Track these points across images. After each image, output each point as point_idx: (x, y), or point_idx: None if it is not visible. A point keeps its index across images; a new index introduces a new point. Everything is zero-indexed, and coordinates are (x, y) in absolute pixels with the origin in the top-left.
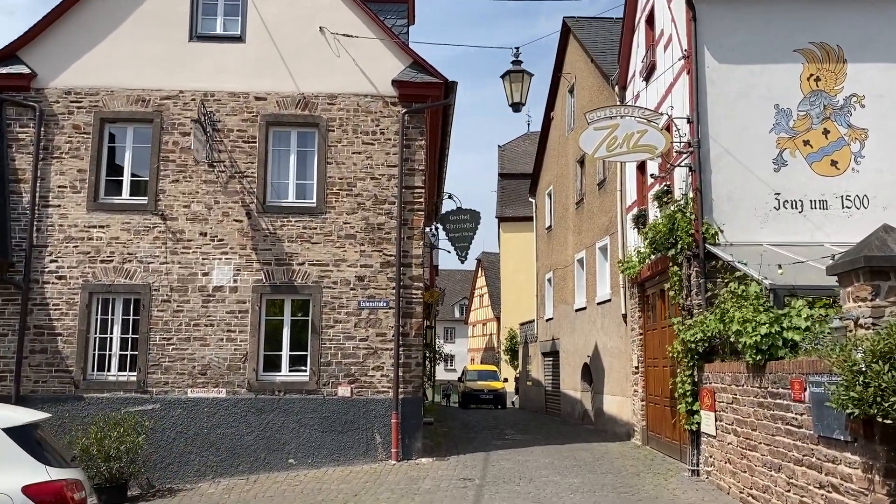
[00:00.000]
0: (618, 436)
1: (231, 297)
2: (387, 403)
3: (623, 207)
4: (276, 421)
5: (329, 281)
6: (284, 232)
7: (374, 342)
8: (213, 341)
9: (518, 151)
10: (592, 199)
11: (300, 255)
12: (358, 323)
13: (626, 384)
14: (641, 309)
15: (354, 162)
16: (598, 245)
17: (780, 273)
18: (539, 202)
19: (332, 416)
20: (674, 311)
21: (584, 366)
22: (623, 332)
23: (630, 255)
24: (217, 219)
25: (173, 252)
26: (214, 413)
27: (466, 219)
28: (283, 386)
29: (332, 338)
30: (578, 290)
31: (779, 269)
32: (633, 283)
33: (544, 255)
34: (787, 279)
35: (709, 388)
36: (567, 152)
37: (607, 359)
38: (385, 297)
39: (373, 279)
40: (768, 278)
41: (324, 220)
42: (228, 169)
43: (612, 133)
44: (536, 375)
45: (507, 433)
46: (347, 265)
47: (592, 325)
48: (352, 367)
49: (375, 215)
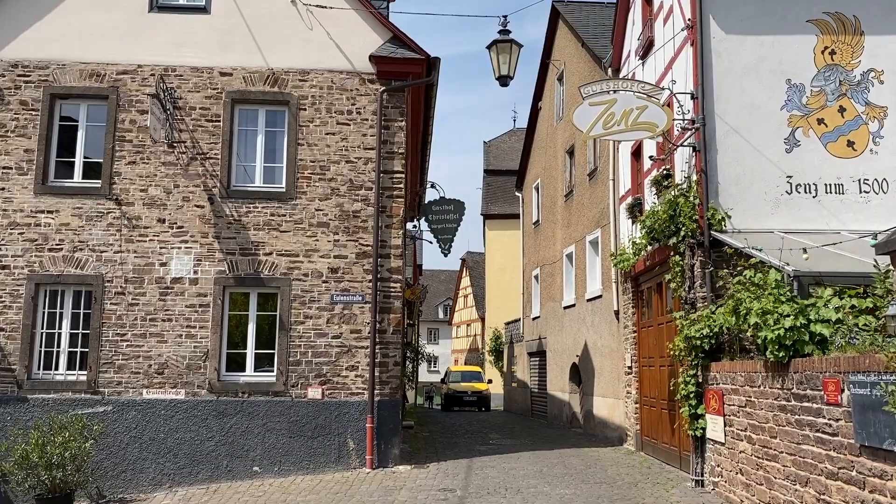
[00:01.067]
0: (609, 440)
1: (191, 290)
2: (361, 406)
3: (616, 197)
4: (239, 425)
5: (299, 273)
6: (250, 219)
7: (349, 340)
8: (172, 338)
9: (504, 148)
10: (582, 190)
11: (267, 245)
12: (331, 319)
13: (619, 385)
14: (635, 305)
15: (328, 143)
16: (589, 238)
17: (806, 258)
18: (526, 196)
19: (302, 419)
20: (674, 305)
21: (573, 366)
22: (615, 330)
23: (623, 247)
24: (177, 204)
25: (129, 240)
26: (172, 416)
27: (450, 209)
28: (247, 387)
29: (301, 335)
30: (567, 286)
31: (804, 254)
32: (627, 277)
33: (531, 251)
34: (811, 265)
35: (716, 389)
36: (556, 143)
37: (598, 358)
38: (361, 290)
39: (347, 271)
40: (790, 264)
41: (294, 206)
42: (190, 150)
43: (608, 109)
44: (522, 376)
45: (491, 437)
46: (319, 256)
47: (582, 323)
48: (323, 367)
49: (351, 202)
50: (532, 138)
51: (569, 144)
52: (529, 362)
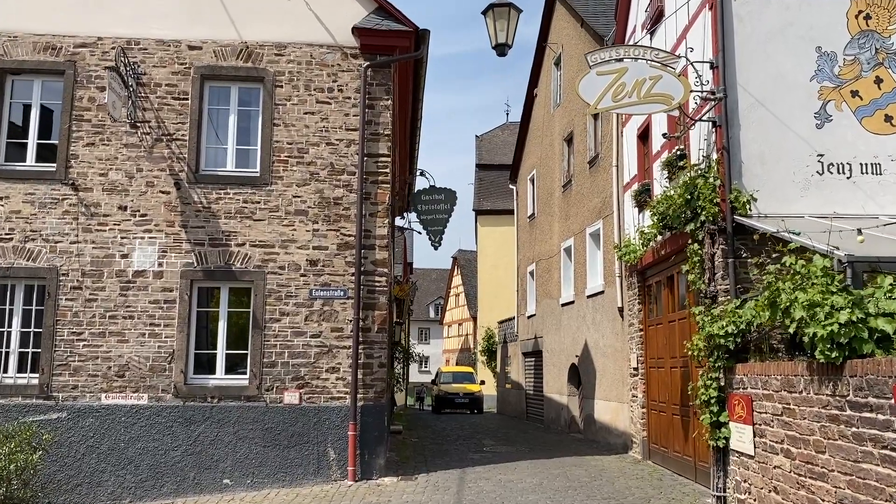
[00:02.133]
0: (612, 447)
1: (155, 284)
2: (343, 412)
3: (620, 185)
4: (208, 433)
5: (275, 265)
6: (221, 206)
7: (329, 339)
8: (133, 337)
9: (496, 142)
10: (582, 179)
11: (240, 235)
12: (309, 316)
13: (623, 388)
14: (642, 301)
15: (307, 124)
16: (589, 231)
17: (861, 240)
18: (520, 189)
19: (277, 427)
20: (689, 300)
21: (572, 367)
22: (619, 329)
23: (629, 239)
24: (140, 190)
25: (86, 229)
26: (133, 423)
27: (441, 199)
28: (217, 391)
29: (277, 333)
30: (565, 282)
31: (858, 236)
32: (633, 271)
33: (526, 245)
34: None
35: (743, 394)
36: (553, 131)
37: (599, 359)
38: (342, 284)
39: (328, 263)
40: (841, 249)
41: (269, 192)
42: (154, 131)
43: (619, 79)
44: (516, 377)
45: (485, 444)
46: (297, 247)
47: (582, 321)
48: (301, 369)
49: (331, 188)
50: (527, 128)
51: (567, 132)
52: (524, 363)
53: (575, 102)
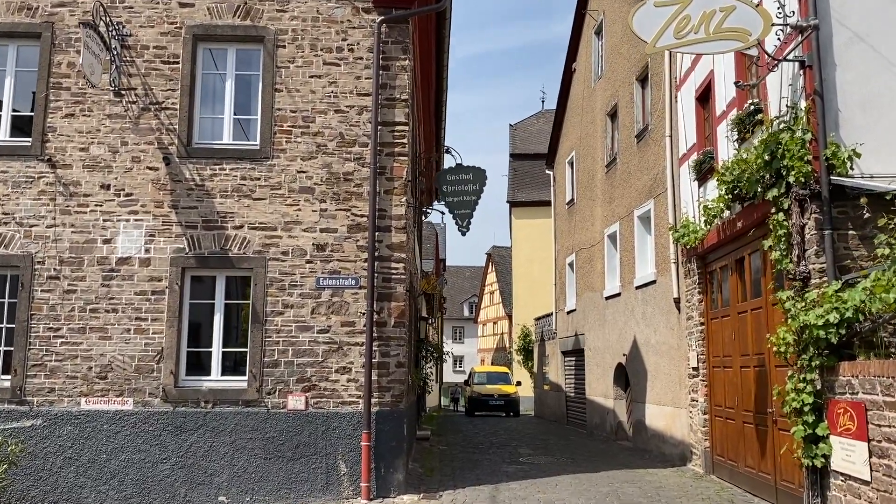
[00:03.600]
0: (668, 459)
1: (142, 273)
2: (355, 419)
3: (675, 157)
4: (201, 443)
5: (277, 250)
6: (216, 184)
7: (339, 334)
8: (117, 333)
9: (531, 130)
10: (629, 156)
11: (237, 216)
12: (316, 308)
13: (680, 391)
14: (703, 290)
15: (313, 89)
16: (637, 213)
17: None
18: (558, 173)
19: (280, 436)
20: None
21: (619, 367)
22: (674, 323)
23: (686, 218)
24: (125, 166)
25: (65, 211)
26: (117, 432)
27: (468, 178)
28: (212, 395)
29: (280, 329)
30: (609, 272)
31: None
32: (691, 255)
33: (565, 234)
34: None
35: (851, 401)
36: (594, 106)
37: (651, 358)
38: (354, 272)
39: (337, 248)
40: None
41: (270, 167)
42: (141, 99)
43: (681, 11)
44: (555, 378)
45: (521, 453)
46: (302, 229)
47: (630, 316)
48: (307, 370)
49: (341, 161)
50: (565, 107)
51: (610, 105)
52: (564, 362)
53: (619, 71)
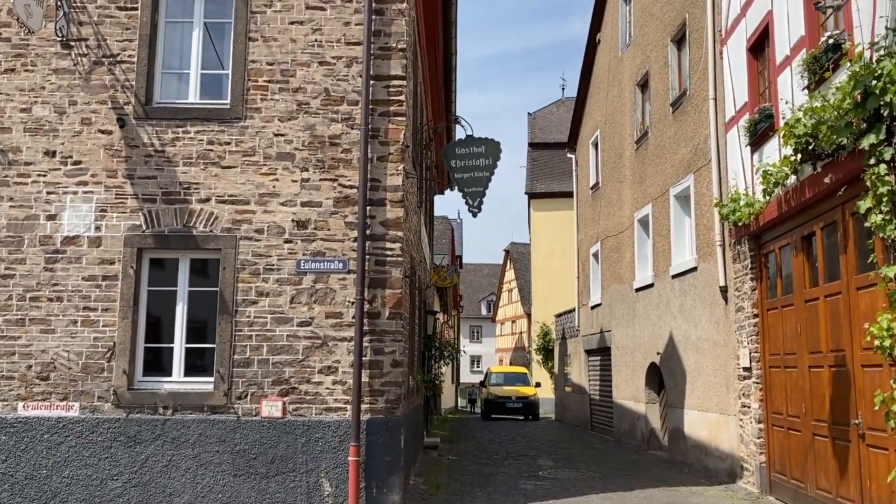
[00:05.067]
0: (712, 474)
1: (91, 255)
2: (342, 429)
3: (721, 121)
4: (159, 457)
5: (250, 228)
6: (179, 150)
7: (323, 328)
8: (62, 326)
9: (551, 119)
10: (663, 128)
11: (204, 187)
12: (296, 296)
13: (727, 395)
14: (757, 276)
15: (293, 38)
16: (674, 192)
17: None
18: (580, 156)
19: (252, 448)
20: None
21: (651, 367)
22: (720, 315)
23: (736, 191)
24: (73, 129)
25: (2, 182)
26: (60, 443)
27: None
28: (172, 399)
29: (253, 321)
30: (640, 261)
31: None
32: (742, 236)
33: (588, 223)
34: None
35: None
36: (622, 78)
37: (691, 356)
38: (341, 253)
39: (322, 225)
40: None
41: (243, 130)
42: (93, 51)
43: None
44: (578, 380)
45: (541, 465)
46: (280, 203)
47: (665, 309)
48: (285, 370)
49: (326, 122)
50: (588, 84)
51: (640, 73)
52: (588, 362)
53: (651, 34)
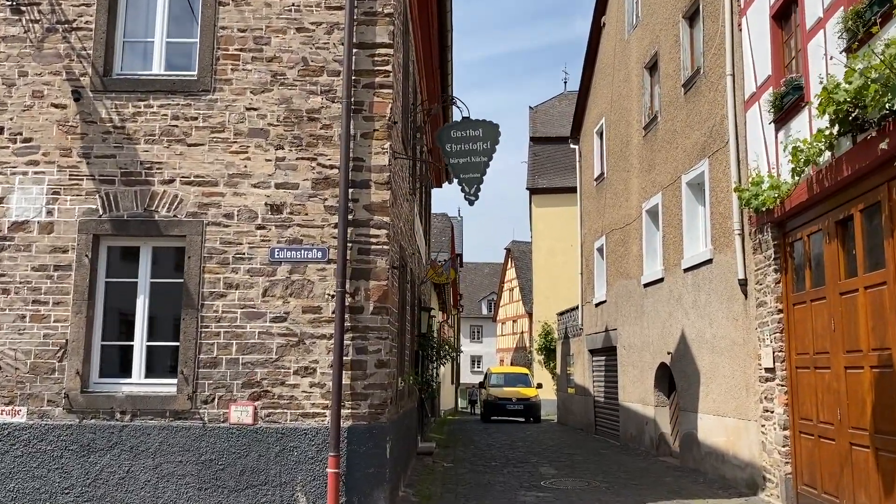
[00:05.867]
0: (730, 484)
1: (42, 242)
2: (320, 437)
3: (739, 100)
4: (116, 467)
5: (218, 212)
6: (141, 126)
7: (300, 324)
8: (8, 321)
9: (553, 113)
10: (674, 111)
11: (168, 167)
12: (270, 289)
13: (747, 398)
14: (782, 267)
15: (268, 2)
16: (686, 179)
17: None
18: (584, 147)
19: (220, 459)
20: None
21: (661, 367)
22: (739, 311)
23: (758, 174)
24: (23, 103)
25: None
26: (5, 452)
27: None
28: (131, 404)
29: (221, 316)
30: (649, 255)
31: None
32: (765, 222)
33: (593, 216)
34: None
35: None
36: (628, 61)
37: (705, 356)
38: (320, 241)
39: (298, 209)
40: None
41: (211, 103)
42: (46, 17)
43: None
44: (581, 381)
45: (543, 473)
46: (252, 184)
47: (676, 305)
48: (257, 371)
49: (304, 95)
50: (592, 71)
51: (649, 55)
52: (592, 362)
53: (660, 13)
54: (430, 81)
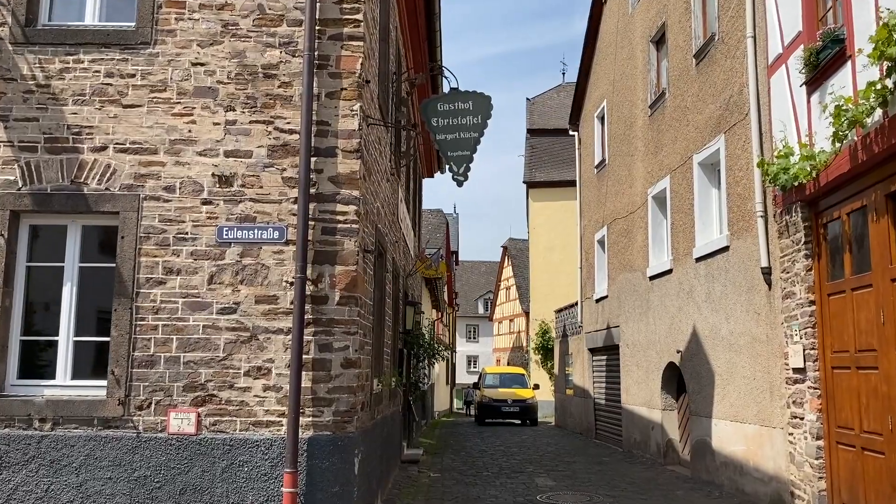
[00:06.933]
0: (751, 499)
1: None
2: (275, 449)
3: (762, 65)
4: (33, 486)
5: (157, 185)
6: (69, 84)
7: (253, 316)
8: None
9: (550, 105)
10: (685, 85)
11: (100, 132)
12: (217, 275)
13: (771, 402)
14: (814, 251)
15: None
16: (698, 158)
17: None
18: (584, 133)
19: (156, 475)
20: None
21: (669, 367)
22: (761, 303)
23: (786, 145)
24: None
25: None
26: None
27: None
28: (52, 410)
29: (160, 307)
30: (655, 244)
31: None
32: (794, 201)
33: (593, 206)
34: None
35: None
36: (632, 37)
37: (721, 354)
38: (276, 219)
39: (252, 181)
40: None
41: (151, 58)
42: None
43: None
44: (580, 382)
45: (540, 485)
46: (198, 152)
47: (687, 298)
48: (201, 371)
49: (259, 49)
50: (592, 52)
51: (655, 27)
52: (592, 362)
53: None
54: (416, 54)
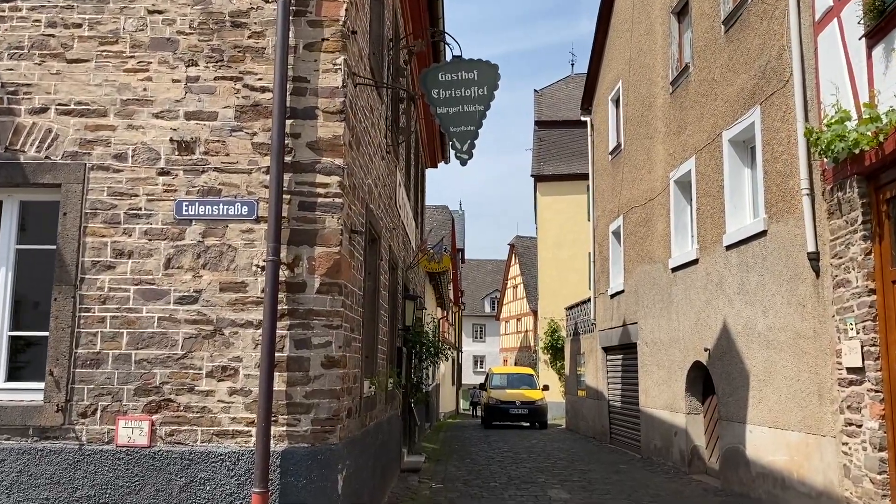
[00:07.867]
0: None
1: None
2: (242, 464)
3: (806, 22)
4: None
5: (107, 152)
6: (5, 36)
7: (217, 307)
8: None
9: (559, 96)
10: (711, 56)
11: (40, 91)
12: (175, 258)
13: (819, 406)
14: (875, 233)
15: None
16: (728, 136)
17: None
18: (597, 118)
19: (103, 494)
20: None
21: (695, 367)
22: (807, 294)
23: (840, 109)
24: None
25: None
26: None
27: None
28: None
29: (108, 295)
30: (678, 233)
31: None
32: (846, 177)
33: (607, 195)
34: None
35: None
36: (650, 11)
37: (758, 352)
38: (246, 192)
39: (217, 148)
40: None
41: (101, 6)
42: None
43: None
44: (593, 383)
45: (553, 496)
46: (154, 114)
47: (717, 290)
48: (156, 372)
49: None
50: (606, 30)
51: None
52: (606, 361)
53: None
54: (416, 24)
